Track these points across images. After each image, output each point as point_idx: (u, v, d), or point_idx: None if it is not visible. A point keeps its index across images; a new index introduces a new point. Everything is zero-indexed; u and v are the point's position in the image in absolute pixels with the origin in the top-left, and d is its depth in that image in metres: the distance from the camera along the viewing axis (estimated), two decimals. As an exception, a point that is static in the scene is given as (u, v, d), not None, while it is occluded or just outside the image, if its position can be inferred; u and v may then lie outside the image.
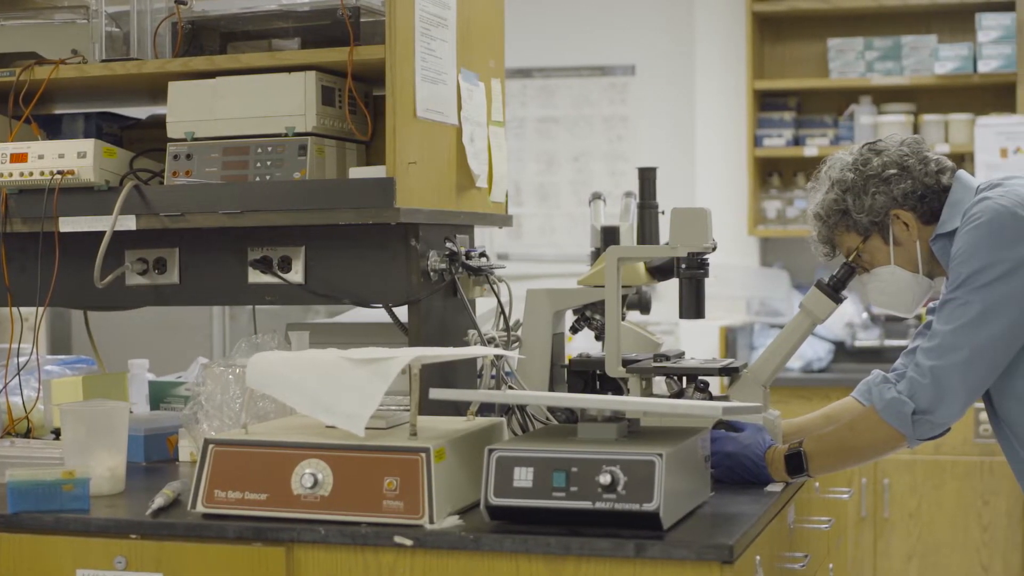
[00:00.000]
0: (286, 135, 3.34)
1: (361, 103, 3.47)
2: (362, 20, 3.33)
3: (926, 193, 3.20)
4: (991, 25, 6.94)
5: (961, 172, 3.26)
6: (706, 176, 7.34)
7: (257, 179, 3.34)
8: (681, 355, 3.57)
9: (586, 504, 2.59)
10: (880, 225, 3.23)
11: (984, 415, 5.92)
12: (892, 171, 3.21)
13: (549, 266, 7.48)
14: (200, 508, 2.76)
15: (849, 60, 7.20)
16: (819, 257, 3.36)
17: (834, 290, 3.35)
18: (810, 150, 7.16)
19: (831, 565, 3.74)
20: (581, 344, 4.09)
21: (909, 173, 3.21)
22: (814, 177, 3.36)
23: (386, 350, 2.80)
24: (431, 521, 2.65)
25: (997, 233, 2.99)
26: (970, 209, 3.07)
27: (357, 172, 3.36)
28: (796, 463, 3.12)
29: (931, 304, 3.33)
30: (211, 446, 2.78)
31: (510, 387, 3.41)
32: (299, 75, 3.34)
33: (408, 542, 2.64)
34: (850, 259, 3.30)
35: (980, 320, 2.98)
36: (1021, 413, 3.08)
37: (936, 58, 7.02)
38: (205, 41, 3.51)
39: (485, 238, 6.84)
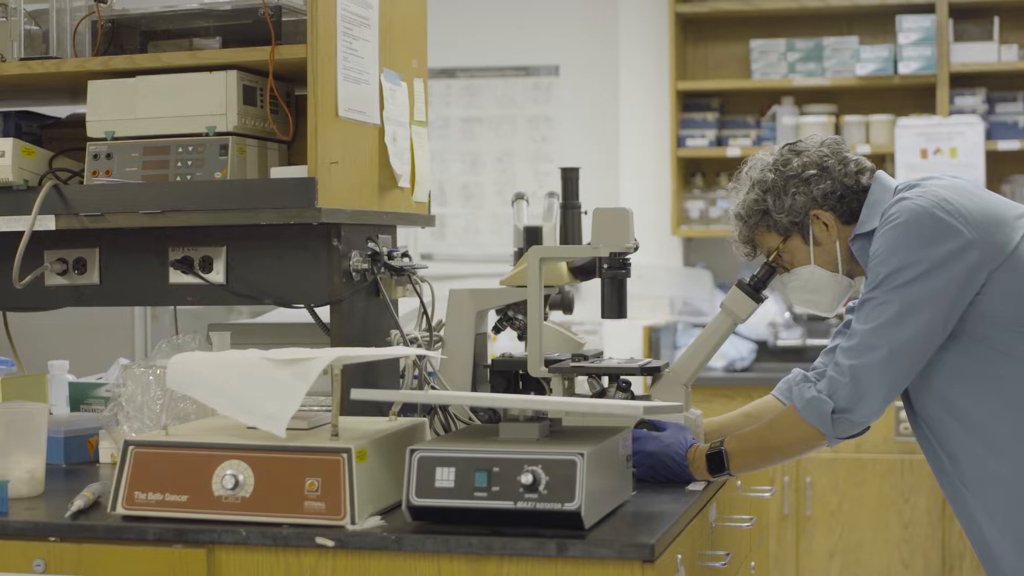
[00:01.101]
0: (207, 135, 3.32)
1: (283, 103, 3.45)
2: (284, 19, 3.32)
3: (845, 193, 3.22)
4: (911, 27, 7.00)
5: (880, 173, 3.28)
6: (629, 176, 7.36)
7: (178, 179, 3.31)
8: (599, 355, 3.58)
9: (508, 504, 2.59)
10: (800, 225, 3.25)
11: (904, 414, 5.98)
12: (812, 171, 3.23)
13: (473, 266, 7.48)
14: (120, 510, 2.74)
15: (771, 61, 7.24)
16: (740, 257, 3.38)
17: (755, 290, 3.37)
18: (733, 151, 7.20)
19: (753, 563, 3.75)
20: (505, 344, 4.10)
21: (829, 174, 3.23)
22: (735, 178, 3.37)
23: (307, 351, 2.79)
24: (353, 522, 2.65)
25: (915, 233, 3.01)
26: (888, 209, 3.09)
27: (278, 172, 3.35)
28: (717, 462, 3.14)
29: (851, 303, 3.36)
30: (131, 448, 2.76)
31: (432, 387, 3.41)
32: (220, 74, 3.32)
33: (329, 543, 2.63)
34: (771, 259, 3.32)
35: (898, 319, 3.00)
36: (939, 411, 3.11)
37: (857, 59, 7.07)
38: (125, 40, 3.49)
39: (409, 238, 6.84)
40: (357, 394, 2.79)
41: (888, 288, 3.01)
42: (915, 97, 7.19)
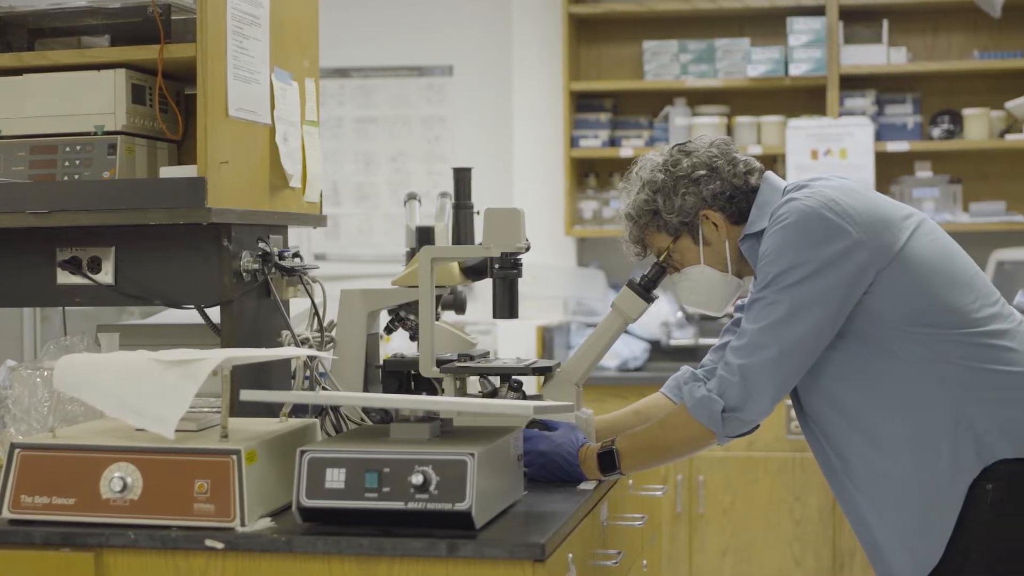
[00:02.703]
0: (95, 134, 3.29)
1: (172, 102, 3.43)
2: (173, 18, 3.30)
3: (735, 194, 3.25)
4: (802, 29, 7.06)
5: (769, 173, 3.31)
6: (523, 177, 7.37)
7: (65, 178, 3.29)
8: (486, 355, 3.59)
9: (399, 504, 2.59)
10: (690, 225, 3.27)
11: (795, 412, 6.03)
12: (701, 172, 3.25)
13: (367, 266, 7.45)
14: (6, 514, 2.71)
15: (664, 62, 7.28)
16: (631, 257, 3.40)
17: (645, 290, 3.39)
18: (626, 151, 7.22)
19: (645, 562, 3.78)
20: (398, 345, 4.09)
21: (718, 174, 3.25)
22: (625, 178, 3.39)
23: (197, 352, 2.78)
24: (242, 524, 2.64)
25: (804, 234, 3.04)
26: (777, 210, 3.12)
27: (168, 172, 3.32)
28: (608, 461, 3.16)
29: (740, 302, 3.39)
30: (17, 451, 2.73)
31: (324, 388, 3.40)
32: (108, 73, 3.30)
33: (219, 545, 2.62)
34: (661, 259, 3.34)
35: (787, 319, 3.03)
36: (827, 410, 3.14)
37: (749, 61, 7.13)
38: (12, 38, 3.44)
39: (302, 238, 6.81)
40: (247, 395, 2.78)
41: (777, 288, 3.04)
42: (806, 98, 7.26)
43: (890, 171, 7.14)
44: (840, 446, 3.15)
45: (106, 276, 3.35)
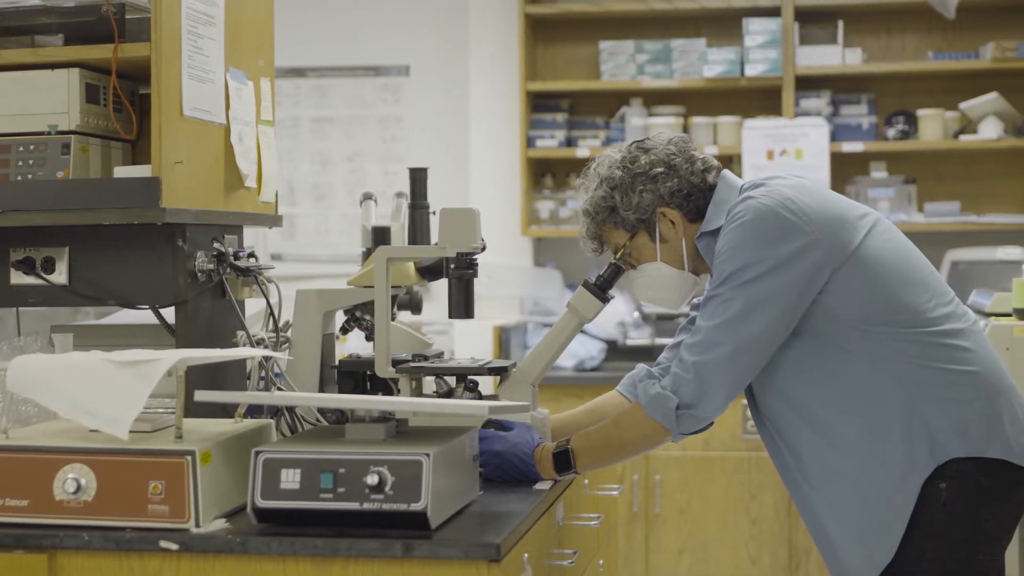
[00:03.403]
0: (49, 133, 3.28)
1: (126, 101, 3.42)
2: (127, 17, 3.28)
3: (692, 191, 3.26)
4: (758, 30, 7.08)
5: (726, 172, 3.32)
6: (480, 177, 7.37)
7: (19, 178, 3.27)
8: (441, 355, 3.59)
9: (354, 505, 2.59)
10: (647, 222, 3.28)
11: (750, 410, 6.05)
12: (659, 169, 3.26)
13: (324, 266, 7.44)
14: (-41, 515, 2.70)
15: (620, 63, 7.28)
16: (588, 253, 3.41)
17: (601, 289, 3.40)
18: (582, 151, 7.23)
19: (601, 561, 3.78)
20: (355, 345, 4.08)
21: (676, 172, 3.26)
22: (583, 174, 3.39)
23: (151, 352, 2.77)
24: (197, 525, 2.63)
25: (760, 232, 3.05)
26: (734, 208, 3.13)
27: (122, 171, 3.31)
28: (564, 460, 3.16)
29: (696, 300, 3.40)
30: (-30, 452, 2.72)
31: (279, 388, 3.39)
32: (62, 72, 3.28)
33: (174, 546, 2.61)
34: (618, 256, 3.34)
35: (742, 316, 3.04)
36: (782, 407, 3.16)
37: (705, 62, 7.14)
38: (-36, 37, 3.43)
39: (259, 239, 6.79)
40: (201, 395, 2.77)
41: (732, 285, 3.05)
42: (761, 99, 7.28)
43: (845, 171, 7.17)
44: (794, 444, 3.16)
45: (60, 276, 3.34)
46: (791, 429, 3.16)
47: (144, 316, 3.44)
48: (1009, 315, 4.64)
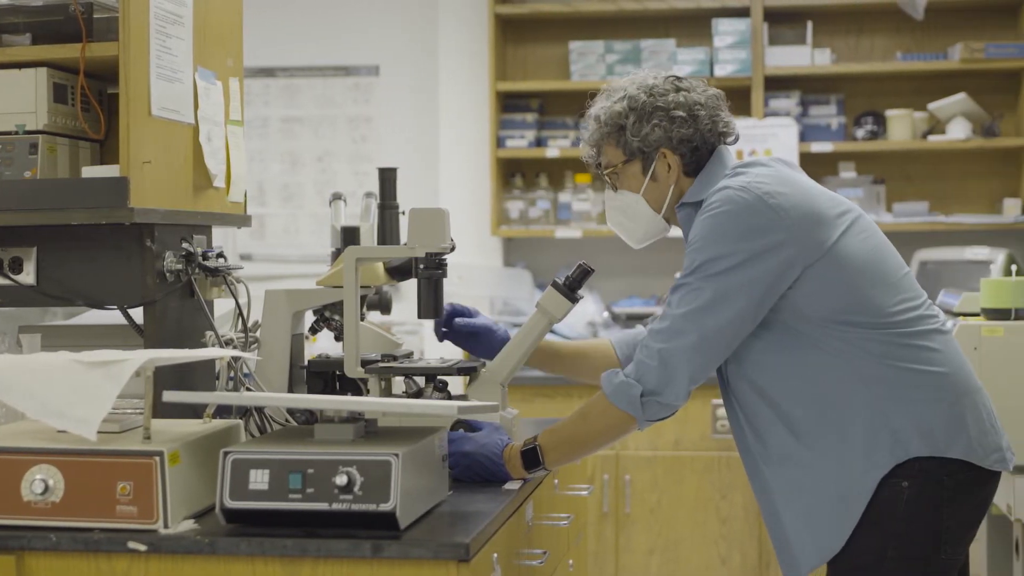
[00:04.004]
0: (16, 133, 3.27)
1: (94, 101, 3.41)
2: (95, 16, 3.27)
3: (701, 146, 3.27)
4: (727, 30, 7.10)
5: (725, 148, 3.32)
6: (449, 177, 7.37)
7: (-14, 178, 3.26)
8: (409, 355, 3.59)
9: (323, 505, 2.59)
10: (646, 156, 3.28)
11: (722, 411, 6.06)
12: (681, 113, 3.26)
13: (293, 267, 7.43)
14: (-75, 517, 2.69)
15: (590, 63, 7.29)
16: (584, 158, 3.42)
17: (570, 289, 3.40)
18: (552, 151, 7.24)
19: (571, 561, 3.79)
20: (324, 345, 4.08)
21: (695, 122, 3.27)
22: (610, 84, 3.39)
23: (119, 352, 2.76)
24: (166, 525, 2.63)
25: (734, 224, 3.06)
26: (712, 196, 3.13)
27: (90, 171, 3.30)
28: (532, 458, 3.16)
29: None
30: (-63, 453, 2.71)
31: (248, 389, 3.38)
32: (30, 71, 3.27)
33: (142, 547, 2.60)
34: (606, 172, 3.34)
35: (710, 307, 3.05)
36: (749, 393, 3.17)
37: (674, 62, 7.15)
38: (-69, 36, 3.41)
39: (228, 239, 6.78)
40: (170, 396, 2.76)
41: (703, 275, 3.06)
42: (731, 99, 7.14)
43: (814, 171, 7.14)
44: (758, 425, 3.17)
45: (28, 276, 3.32)
46: (756, 412, 3.17)
47: (112, 316, 3.43)
48: (977, 315, 4.66)
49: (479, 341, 3.57)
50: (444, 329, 3.59)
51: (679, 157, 3.28)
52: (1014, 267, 4.82)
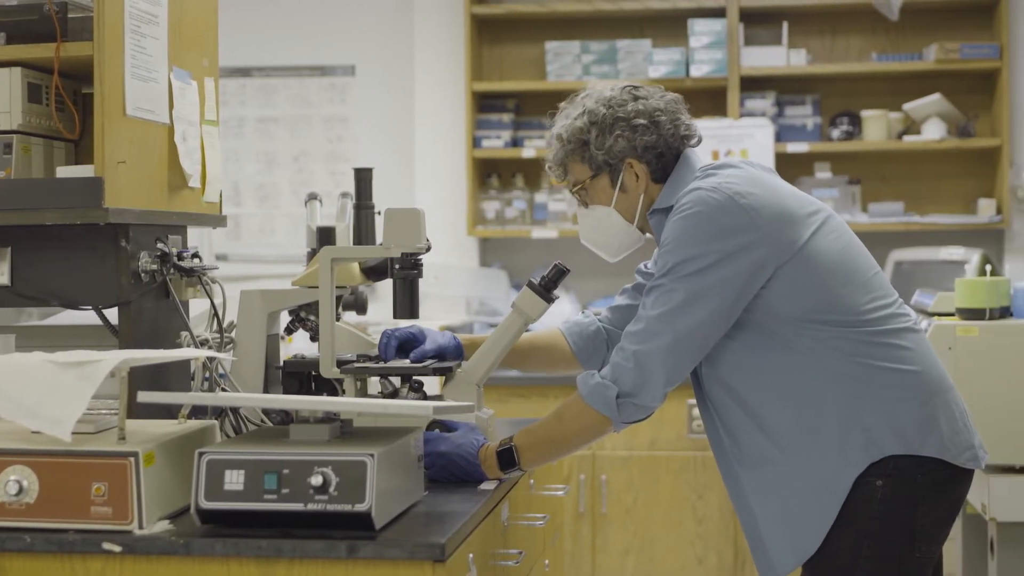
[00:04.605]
0: (-10, 133, 3.26)
1: (68, 101, 3.40)
2: (70, 16, 3.26)
3: (666, 152, 3.28)
4: (703, 31, 7.10)
5: (691, 151, 3.33)
6: (425, 177, 7.37)
7: (-40, 178, 3.25)
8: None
9: (298, 506, 2.59)
10: (613, 167, 3.29)
11: (697, 411, 6.07)
12: (642, 121, 3.26)
13: (269, 267, 7.43)
14: (-102, 518, 2.68)
15: (566, 63, 7.29)
16: (552, 178, 3.43)
17: (545, 290, 3.41)
18: (528, 152, 7.23)
19: (547, 561, 3.79)
20: (300, 345, 4.08)
21: (657, 128, 3.27)
22: (569, 100, 3.40)
23: (94, 353, 2.75)
24: (140, 526, 2.62)
25: (705, 225, 3.06)
26: (683, 197, 3.14)
27: (65, 171, 3.29)
28: (507, 458, 3.16)
29: (644, 264, 3.45)
30: (-90, 454, 2.70)
31: (223, 389, 3.38)
32: (4, 71, 3.26)
33: (117, 548, 2.60)
34: (575, 190, 3.35)
35: (683, 308, 3.05)
36: (723, 395, 3.17)
37: (650, 62, 7.15)
38: (-95, 35, 3.40)
39: (204, 239, 6.76)
40: (144, 396, 2.75)
41: (676, 277, 3.06)
42: (707, 99, 7.30)
43: (790, 172, 7.19)
44: (732, 427, 3.18)
45: (2, 277, 3.31)
46: (730, 414, 3.18)
47: (87, 317, 3.42)
48: (952, 315, 4.67)
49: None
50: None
51: (645, 165, 3.28)
52: (989, 267, 4.83)
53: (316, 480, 2.57)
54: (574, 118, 3.33)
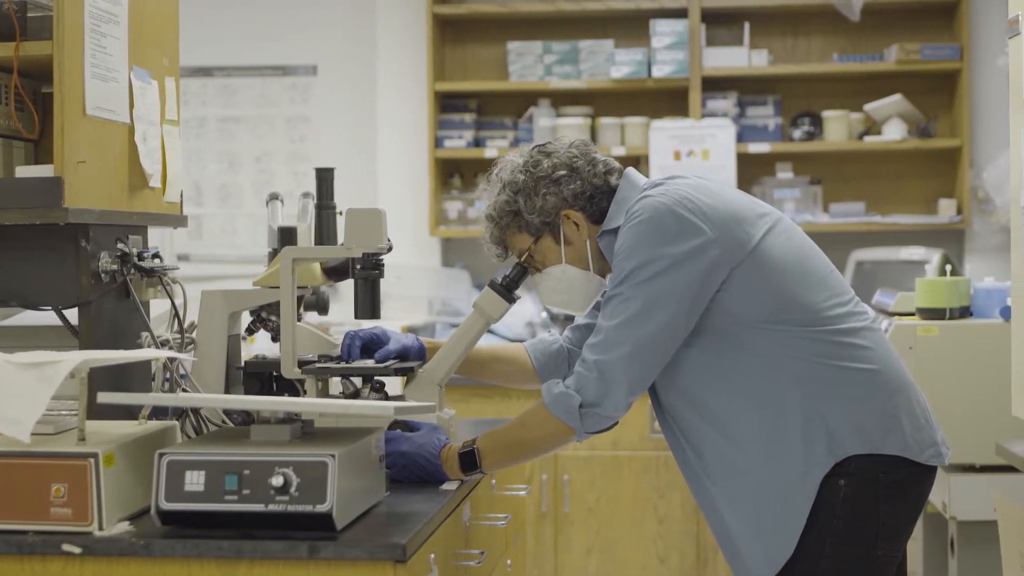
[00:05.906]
0: (-51, 133, 3.24)
1: (28, 100, 3.38)
2: (29, 15, 3.24)
3: (595, 193, 3.28)
4: (665, 31, 7.12)
5: (630, 171, 3.34)
6: (388, 177, 7.36)
7: (-82, 178, 3.23)
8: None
9: (259, 507, 2.58)
10: (551, 225, 3.29)
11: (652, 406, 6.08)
12: (562, 172, 3.27)
13: (231, 267, 7.41)
14: None
15: (528, 63, 7.29)
16: (492, 258, 3.42)
17: (507, 290, 3.41)
18: (490, 151, 7.23)
19: (509, 561, 3.79)
20: (262, 346, 4.06)
21: (578, 174, 3.28)
22: (486, 179, 3.40)
23: (53, 353, 2.74)
24: (100, 528, 2.61)
25: (657, 230, 3.07)
26: (632, 207, 3.15)
27: (24, 171, 3.27)
28: (469, 460, 3.16)
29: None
30: None
31: (184, 390, 3.36)
32: (-37, 71, 3.25)
33: (76, 550, 2.59)
34: (522, 259, 3.35)
35: (642, 315, 3.06)
36: (683, 405, 3.18)
37: (612, 63, 7.16)
38: None
39: (165, 239, 6.74)
40: (104, 397, 2.74)
41: (631, 284, 3.07)
42: (668, 100, 7.32)
43: (752, 172, 7.22)
44: (696, 441, 3.18)
45: (-39, 277, 3.30)
46: (693, 426, 3.18)
47: (47, 317, 3.40)
48: (912, 314, 4.69)
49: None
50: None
51: (580, 211, 3.29)
52: (949, 267, 4.86)
53: (277, 481, 2.57)
54: (496, 195, 3.33)
